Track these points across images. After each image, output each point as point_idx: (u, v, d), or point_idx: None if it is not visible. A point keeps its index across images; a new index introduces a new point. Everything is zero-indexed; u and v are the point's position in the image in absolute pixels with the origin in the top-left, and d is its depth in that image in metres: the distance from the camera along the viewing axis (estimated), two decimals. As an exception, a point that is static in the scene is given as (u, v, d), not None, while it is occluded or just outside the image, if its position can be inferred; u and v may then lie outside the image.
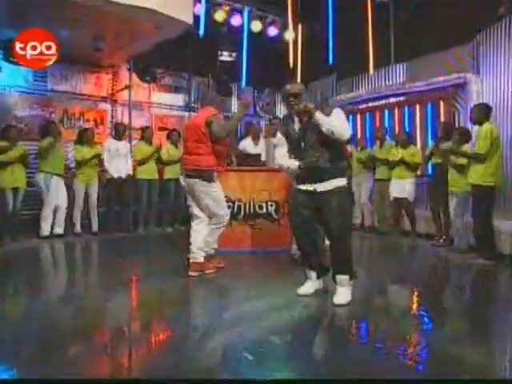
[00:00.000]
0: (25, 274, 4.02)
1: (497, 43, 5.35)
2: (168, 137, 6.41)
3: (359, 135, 6.99)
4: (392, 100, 6.69)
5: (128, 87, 6.39)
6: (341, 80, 7.62)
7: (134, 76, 6.44)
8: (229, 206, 4.71)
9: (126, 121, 6.76)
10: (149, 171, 6.06)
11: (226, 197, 4.71)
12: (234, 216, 4.74)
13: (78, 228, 5.58)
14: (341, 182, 2.91)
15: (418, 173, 5.59)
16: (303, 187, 2.97)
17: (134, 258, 4.75)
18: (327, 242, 3.36)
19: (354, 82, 7.32)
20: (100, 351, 2.37)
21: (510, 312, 3.09)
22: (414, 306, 3.26)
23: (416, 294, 3.46)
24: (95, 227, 5.72)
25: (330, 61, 7.28)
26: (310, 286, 3.12)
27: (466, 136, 4.63)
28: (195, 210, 3.71)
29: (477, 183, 4.11)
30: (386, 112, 6.81)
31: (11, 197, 4.85)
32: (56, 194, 5.26)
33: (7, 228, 4.88)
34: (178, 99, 7.40)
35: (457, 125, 5.77)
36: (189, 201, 3.80)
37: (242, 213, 4.77)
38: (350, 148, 6.57)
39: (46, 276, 4.22)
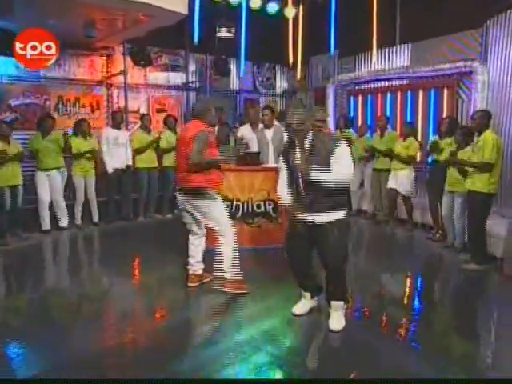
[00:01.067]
0: (30, 270, 4.27)
1: (507, 31, 5.11)
2: (165, 123, 6.32)
3: (360, 121, 6.88)
4: (395, 83, 6.51)
5: (123, 72, 6.18)
6: (343, 57, 7.35)
7: (129, 59, 6.19)
8: (227, 206, 4.78)
9: (122, 104, 6.63)
10: (148, 160, 6.05)
11: (223, 196, 4.78)
12: (232, 215, 4.82)
13: (78, 219, 5.67)
14: (339, 214, 2.89)
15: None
16: (301, 217, 2.95)
17: (136, 246, 4.95)
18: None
19: (357, 61, 7.07)
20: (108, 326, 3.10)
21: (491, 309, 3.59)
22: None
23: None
24: (96, 217, 5.80)
25: (333, 37, 6.98)
26: (305, 304, 3.20)
27: (468, 137, 4.57)
28: (193, 227, 3.72)
29: (480, 191, 4.12)
30: (388, 95, 6.64)
31: (9, 195, 4.86)
32: (47, 190, 5.26)
33: (8, 225, 4.93)
34: (176, 78, 7.19)
35: (459, 114, 5.70)
36: (184, 217, 3.71)
37: (241, 212, 4.83)
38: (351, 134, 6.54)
39: (51, 269, 4.57)
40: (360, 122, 6.93)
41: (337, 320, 2.99)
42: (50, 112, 5.90)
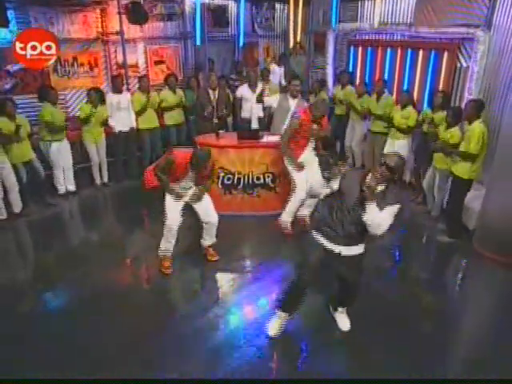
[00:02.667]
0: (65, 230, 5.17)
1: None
2: (166, 82, 6.34)
3: (358, 80, 6.87)
4: (396, 38, 6.39)
5: (119, 33, 5.99)
6: (346, 2, 7.03)
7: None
8: (229, 178, 5.19)
9: (120, 59, 6.54)
10: (149, 120, 6.20)
11: (226, 169, 5.16)
12: (234, 186, 5.23)
13: (97, 180, 6.07)
14: (362, 248, 2.97)
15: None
16: (329, 246, 2.93)
17: (146, 200, 5.47)
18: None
19: (359, 11, 6.80)
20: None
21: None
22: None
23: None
24: (106, 178, 6.18)
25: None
26: (281, 324, 3.23)
27: (458, 117, 4.78)
28: None
29: (461, 176, 4.48)
30: (389, 50, 6.56)
31: (24, 171, 5.13)
32: (59, 158, 5.52)
33: (28, 196, 5.31)
34: (173, 28, 6.95)
35: (456, 79, 5.75)
36: None
37: (242, 183, 5.22)
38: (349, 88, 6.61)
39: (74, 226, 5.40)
40: (359, 75, 6.94)
41: (345, 320, 3.34)
42: (50, 74, 5.90)
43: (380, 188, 2.75)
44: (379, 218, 2.69)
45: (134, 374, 2.91)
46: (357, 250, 2.95)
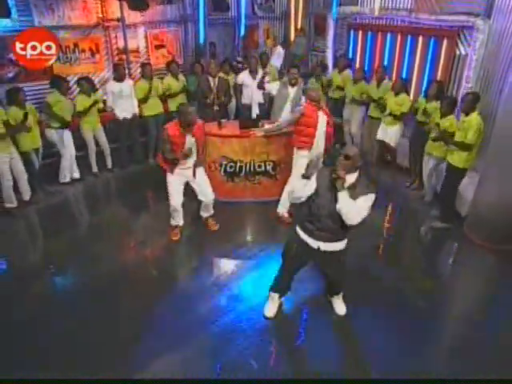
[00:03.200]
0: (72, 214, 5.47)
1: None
2: (168, 68, 6.38)
3: (357, 63, 6.90)
4: (396, 23, 6.39)
5: (120, 19, 5.97)
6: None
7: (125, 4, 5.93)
8: (231, 166, 5.35)
9: (120, 44, 6.55)
10: (153, 107, 6.29)
11: (228, 158, 5.31)
12: (236, 174, 5.40)
13: (94, 168, 6.19)
14: (343, 244, 3.09)
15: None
16: (308, 241, 3.08)
17: (150, 184, 5.90)
18: None
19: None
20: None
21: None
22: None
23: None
24: (109, 164, 6.32)
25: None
26: (275, 305, 3.56)
27: (452, 106, 4.91)
28: None
29: (456, 165, 4.65)
30: (389, 35, 6.57)
31: (35, 157, 5.31)
32: (63, 146, 5.64)
33: (37, 184, 5.49)
34: (172, 11, 6.91)
35: (455, 66, 5.81)
36: None
37: (244, 171, 5.38)
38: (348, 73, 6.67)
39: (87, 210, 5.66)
40: (358, 60, 6.96)
41: (341, 306, 3.60)
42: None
43: (350, 179, 2.90)
44: (351, 207, 2.83)
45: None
46: (337, 246, 3.07)
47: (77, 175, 5.99)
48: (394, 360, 3.20)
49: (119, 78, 5.92)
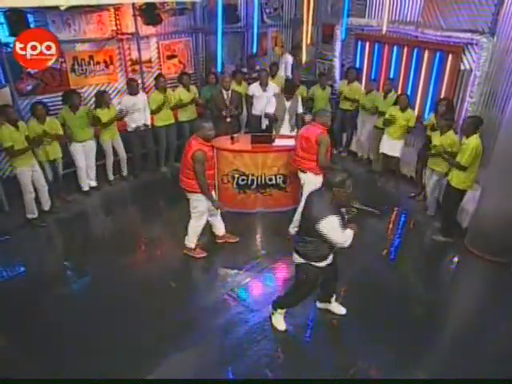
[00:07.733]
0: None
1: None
2: (179, 80, 6.56)
3: (364, 76, 7.06)
4: (403, 36, 6.54)
5: (135, 34, 6.13)
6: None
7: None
8: (243, 179, 5.57)
9: (134, 56, 6.73)
10: (165, 118, 6.49)
11: (241, 171, 5.53)
12: (248, 186, 5.62)
13: (111, 176, 6.43)
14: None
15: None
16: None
17: (162, 192, 6.20)
18: None
19: (368, 6, 6.89)
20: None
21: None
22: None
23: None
24: (125, 172, 6.56)
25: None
26: (283, 318, 3.85)
27: (451, 121, 5.11)
28: None
29: (456, 186, 4.85)
30: (395, 48, 6.72)
31: (49, 168, 5.51)
32: (82, 158, 5.88)
33: (54, 193, 5.70)
34: (183, 22, 7.07)
35: (459, 82, 5.97)
36: None
37: (255, 184, 5.60)
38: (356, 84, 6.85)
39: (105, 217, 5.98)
40: (365, 71, 7.14)
41: (340, 308, 3.97)
42: (67, 73, 6.15)
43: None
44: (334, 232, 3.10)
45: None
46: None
47: (93, 183, 6.22)
48: (395, 360, 3.48)
49: (133, 92, 6.11)
